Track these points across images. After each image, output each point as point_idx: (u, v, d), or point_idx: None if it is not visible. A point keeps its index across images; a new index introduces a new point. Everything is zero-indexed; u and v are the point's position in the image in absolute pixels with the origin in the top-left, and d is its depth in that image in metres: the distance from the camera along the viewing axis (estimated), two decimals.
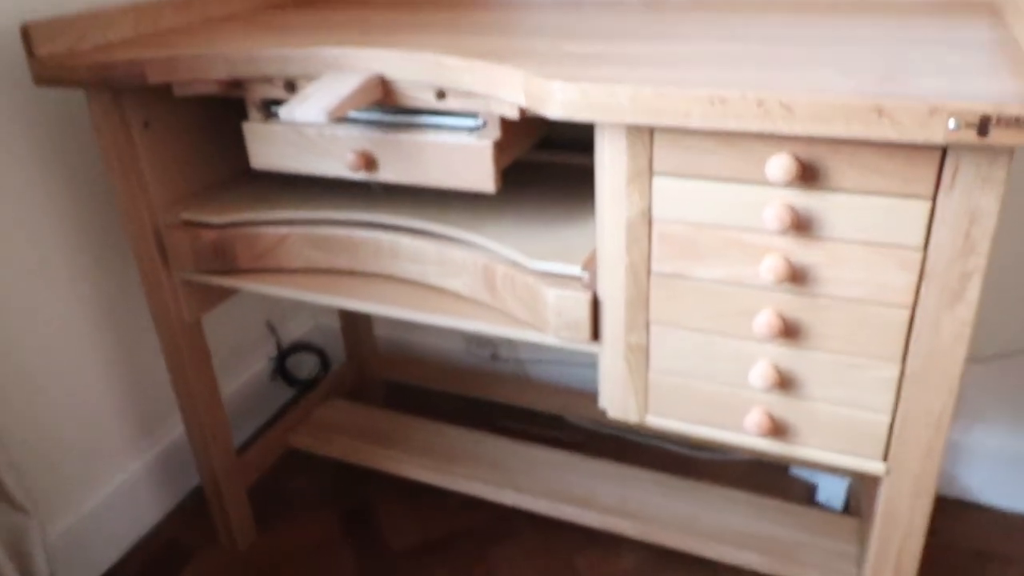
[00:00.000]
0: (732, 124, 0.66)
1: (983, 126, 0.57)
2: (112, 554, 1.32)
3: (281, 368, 1.66)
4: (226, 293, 1.17)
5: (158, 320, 1.12)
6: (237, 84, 0.94)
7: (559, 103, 0.71)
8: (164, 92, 1.02)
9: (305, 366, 1.73)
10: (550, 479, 1.23)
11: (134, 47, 0.98)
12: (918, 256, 0.68)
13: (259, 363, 1.63)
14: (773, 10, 1.00)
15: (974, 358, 1.25)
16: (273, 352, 1.66)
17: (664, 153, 0.73)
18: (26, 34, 0.94)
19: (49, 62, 0.95)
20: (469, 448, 1.31)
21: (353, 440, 1.35)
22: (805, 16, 0.95)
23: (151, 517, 1.39)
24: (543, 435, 1.52)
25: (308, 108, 0.80)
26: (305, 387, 1.70)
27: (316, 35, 0.97)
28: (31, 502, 1.07)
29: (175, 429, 1.43)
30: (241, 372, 1.58)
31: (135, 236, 1.06)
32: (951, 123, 0.58)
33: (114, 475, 1.32)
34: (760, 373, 0.78)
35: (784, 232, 0.72)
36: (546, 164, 1.15)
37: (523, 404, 1.51)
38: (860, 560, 1.01)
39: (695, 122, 0.67)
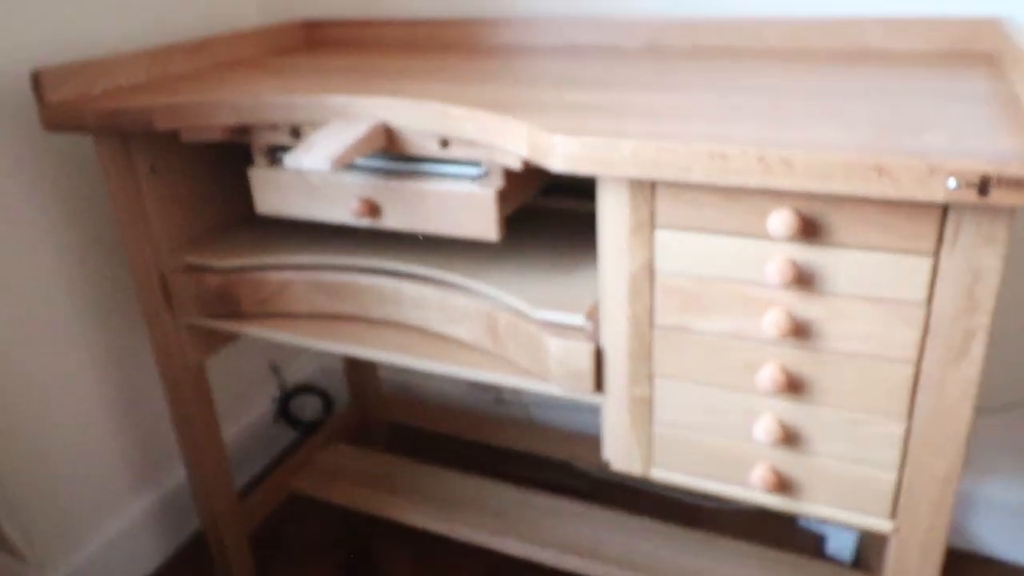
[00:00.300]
0: (733, 179, 0.65)
1: (983, 186, 0.57)
2: None
3: (284, 410, 1.65)
4: (230, 337, 1.17)
5: (161, 364, 1.12)
6: (243, 131, 0.95)
7: (561, 156, 0.71)
8: (170, 137, 1.03)
9: (309, 408, 1.72)
10: (555, 528, 1.21)
11: (143, 93, 0.99)
12: (921, 312, 0.67)
13: (262, 405, 1.62)
14: (773, 59, 1.01)
15: (983, 409, 1.23)
16: (276, 394, 1.65)
17: (666, 206, 0.73)
18: (36, 80, 0.95)
19: (58, 108, 0.96)
20: (472, 495, 1.29)
21: (356, 486, 1.34)
22: (805, 66, 0.95)
23: (150, 563, 1.37)
24: (549, 481, 1.50)
25: (313, 156, 0.80)
26: (308, 429, 1.69)
27: (323, 81, 0.98)
28: (30, 548, 1.06)
29: (176, 473, 1.42)
30: (244, 414, 1.58)
31: (140, 280, 1.07)
32: (951, 182, 0.58)
33: (114, 520, 1.31)
34: (764, 428, 0.77)
35: (786, 286, 0.71)
36: (550, 210, 1.15)
37: (528, 450, 1.49)
38: None
39: (696, 177, 0.67)
